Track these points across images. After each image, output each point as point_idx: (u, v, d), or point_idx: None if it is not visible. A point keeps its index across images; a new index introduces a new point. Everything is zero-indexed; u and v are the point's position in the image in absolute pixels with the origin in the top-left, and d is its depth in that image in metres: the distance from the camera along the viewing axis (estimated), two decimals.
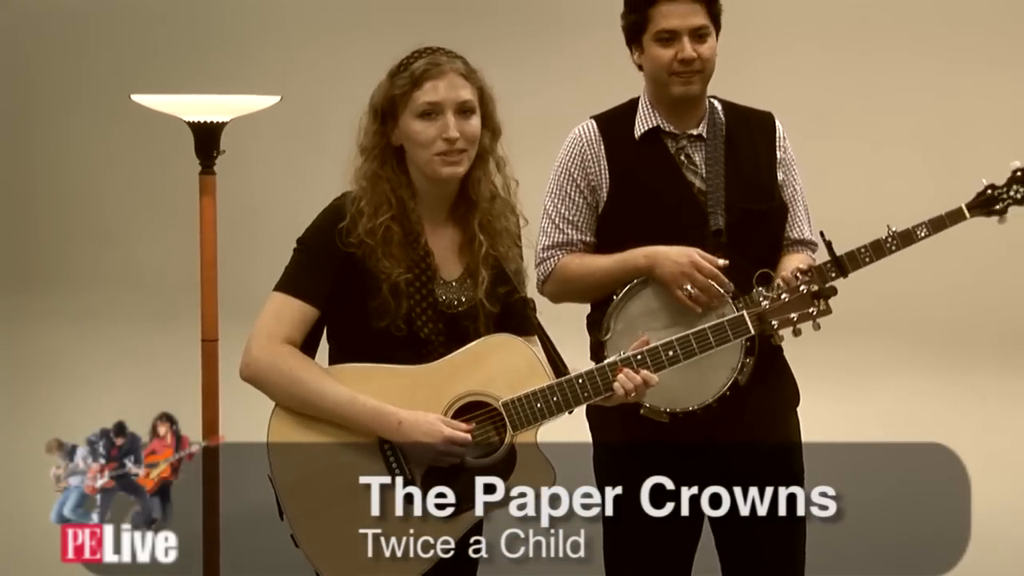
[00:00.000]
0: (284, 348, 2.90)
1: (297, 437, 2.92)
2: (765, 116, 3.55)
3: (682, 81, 3.36)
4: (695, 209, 3.37)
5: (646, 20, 3.34)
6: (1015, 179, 3.39)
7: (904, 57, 5.54)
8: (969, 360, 5.48)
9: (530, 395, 2.94)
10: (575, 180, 3.45)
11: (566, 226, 3.46)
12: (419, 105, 2.89)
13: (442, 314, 2.99)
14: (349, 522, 2.89)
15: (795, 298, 3.07)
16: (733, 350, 3.23)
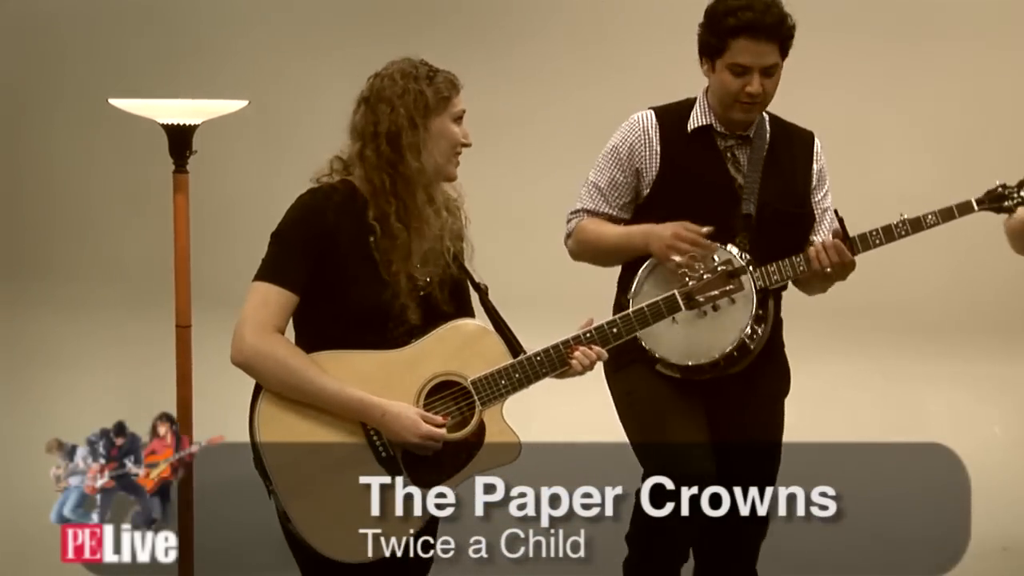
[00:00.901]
0: (275, 336, 2.90)
1: (286, 419, 2.91)
2: (806, 133, 3.62)
3: (744, 109, 3.41)
4: (732, 197, 3.44)
5: (724, 48, 3.35)
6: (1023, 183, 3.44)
7: (922, 65, 5.59)
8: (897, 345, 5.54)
9: (494, 373, 2.98)
10: (621, 160, 3.51)
11: (599, 196, 3.54)
12: (458, 111, 2.98)
13: (416, 296, 2.99)
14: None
15: (715, 278, 3.12)
16: (743, 313, 3.35)
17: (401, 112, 2.91)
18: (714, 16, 3.35)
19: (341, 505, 2.88)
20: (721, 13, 3.32)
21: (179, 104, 4.15)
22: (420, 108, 2.91)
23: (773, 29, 3.30)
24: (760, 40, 3.29)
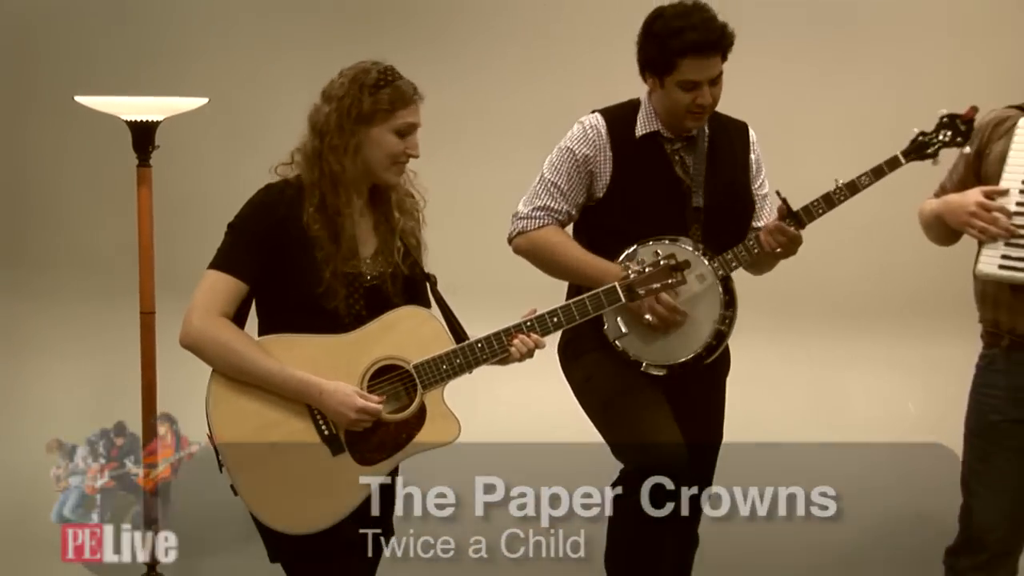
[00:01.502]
0: (220, 321, 2.90)
1: (234, 399, 2.91)
2: (741, 125, 3.61)
3: (695, 119, 3.40)
4: (681, 195, 3.42)
5: (672, 67, 3.31)
6: (942, 125, 3.44)
7: (847, 61, 5.65)
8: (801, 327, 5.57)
9: (436, 358, 2.97)
10: (577, 161, 3.46)
11: (556, 193, 3.48)
12: (400, 124, 2.93)
13: (363, 287, 2.99)
14: (282, 472, 2.90)
15: (657, 271, 3.11)
16: (713, 305, 3.36)
17: (334, 115, 2.91)
18: (658, 37, 3.31)
19: (285, 480, 2.89)
20: (665, 35, 3.28)
21: (142, 101, 4.13)
22: (352, 115, 2.90)
23: (717, 44, 3.28)
24: (707, 56, 3.28)
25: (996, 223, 3.33)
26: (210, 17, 5.82)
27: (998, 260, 3.37)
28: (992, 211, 3.35)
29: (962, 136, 3.41)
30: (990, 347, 3.54)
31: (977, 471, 3.58)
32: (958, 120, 3.41)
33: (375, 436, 2.92)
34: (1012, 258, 3.34)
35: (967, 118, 3.41)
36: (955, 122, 3.42)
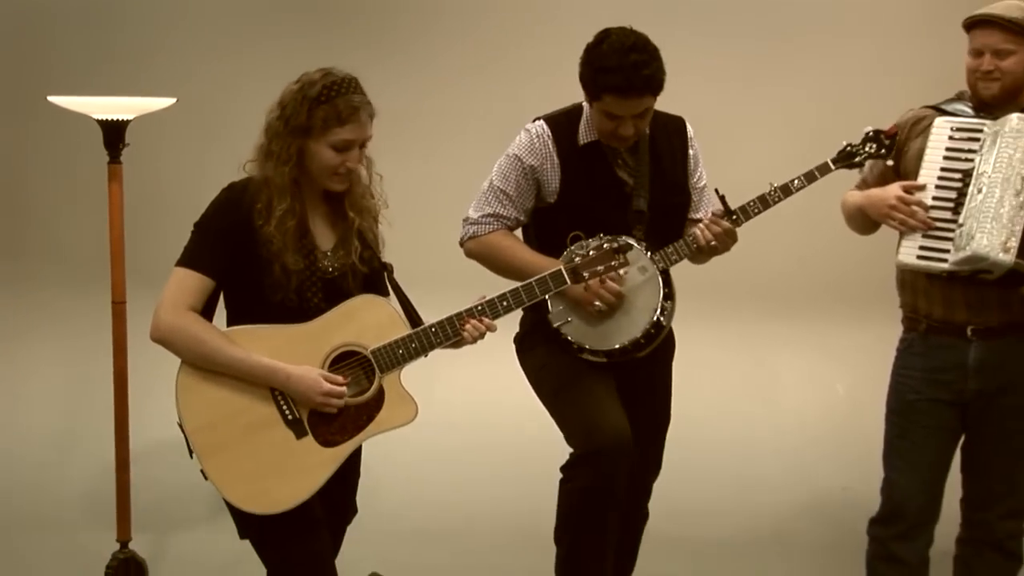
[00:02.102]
0: (188, 315, 2.89)
1: (201, 388, 2.90)
2: (679, 121, 3.60)
3: (618, 143, 3.40)
4: (624, 197, 3.42)
5: (598, 98, 3.29)
6: (867, 139, 3.52)
7: (779, 61, 5.67)
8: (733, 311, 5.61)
9: (393, 343, 2.97)
10: (525, 169, 3.44)
11: (505, 200, 3.47)
12: (336, 140, 2.91)
13: (321, 280, 2.99)
14: (248, 456, 2.89)
15: (600, 254, 3.12)
16: (653, 296, 3.36)
17: (278, 122, 2.92)
18: (590, 67, 3.28)
19: (252, 463, 2.88)
20: (595, 69, 3.25)
21: (112, 101, 4.11)
22: (291, 125, 2.90)
23: (642, 89, 3.23)
24: (630, 98, 3.24)
25: (915, 216, 3.39)
26: (178, 21, 5.78)
27: (916, 251, 3.42)
28: (911, 204, 3.40)
29: (886, 149, 3.49)
30: (909, 331, 3.60)
31: (897, 447, 3.63)
32: (882, 135, 3.48)
33: (337, 419, 2.92)
34: (929, 249, 3.40)
35: (890, 134, 3.47)
36: (879, 137, 3.49)
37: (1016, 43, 3.37)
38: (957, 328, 3.46)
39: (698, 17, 5.52)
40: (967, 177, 3.36)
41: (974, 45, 3.42)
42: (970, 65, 3.45)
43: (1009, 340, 3.47)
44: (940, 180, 3.41)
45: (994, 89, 3.41)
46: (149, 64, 5.61)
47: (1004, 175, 3.28)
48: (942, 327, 3.49)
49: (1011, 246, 3.25)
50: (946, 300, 3.46)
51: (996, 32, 3.38)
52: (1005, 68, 3.38)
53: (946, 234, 3.37)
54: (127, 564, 4.23)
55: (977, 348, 3.46)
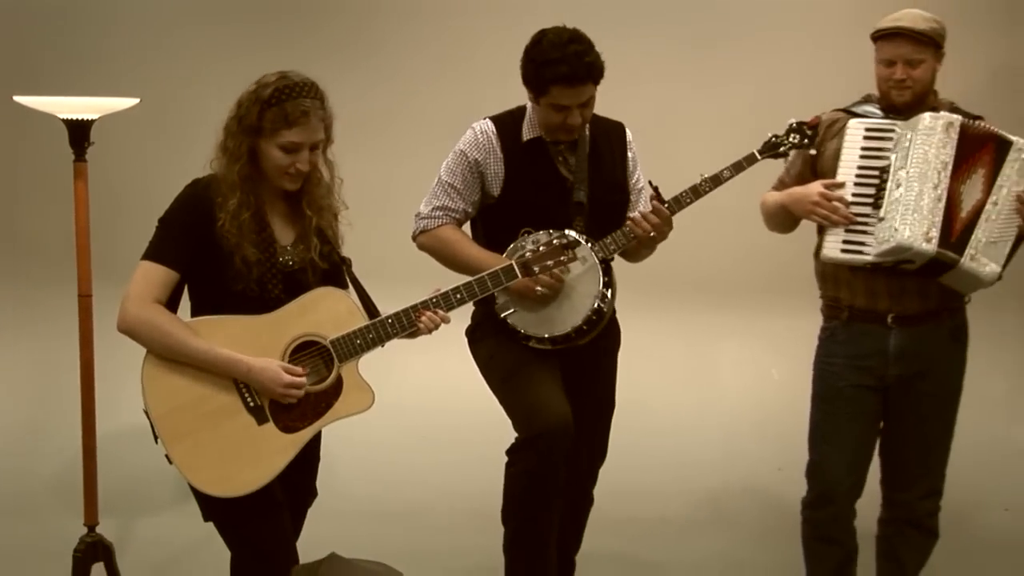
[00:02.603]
0: (154, 307, 2.88)
1: (166, 377, 2.90)
2: (619, 125, 3.64)
3: (567, 134, 3.43)
4: (565, 192, 3.45)
5: (545, 91, 3.33)
6: (791, 130, 3.55)
7: (718, 62, 5.70)
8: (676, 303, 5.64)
9: (351, 334, 2.97)
10: (470, 163, 3.47)
11: (454, 194, 3.50)
12: (284, 142, 2.90)
13: (282, 272, 2.98)
14: (212, 442, 2.89)
15: (550, 250, 3.14)
16: (593, 285, 3.38)
17: (232, 122, 2.92)
18: (534, 63, 3.32)
19: (215, 448, 2.88)
20: (539, 64, 3.30)
21: (78, 101, 4.06)
22: (243, 124, 2.90)
23: (585, 77, 3.29)
24: (575, 87, 3.29)
25: (837, 211, 3.45)
26: (142, 22, 5.74)
27: (840, 245, 3.48)
28: (832, 201, 3.46)
29: (809, 139, 3.53)
30: (830, 319, 3.65)
31: (823, 432, 3.69)
32: (805, 126, 3.53)
33: (297, 406, 2.92)
34: (852, 243, 3.46)
35: (812, 124, 3.53)
36: (802, 128, 3.53)
37: (925, 53, 3.47)
38: (879, 316, 3.52)
39: (640, 21, 5.55)
40: (884, 174, 3.43)
41: (886, 56, 3.50)
42: (882, 74, 3.52)
43: (926, 327, 3.54)
44: (858, 178, 3.47)
45: (907, 96, 3.50)
46: (113, 65, 5.57)
47: (921, 170, 3.35)
48: (864, 315, 3.54)
49: (932, 236, 3.32)
50: (868, 290, 3.52)
51: (907, 43, 3.47)
52: (916, 76, 3.48)
53: (867, 228, 3.44)
54: (94, 547, 4.20)
55: (897, 335, 3.52)
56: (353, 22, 5.75)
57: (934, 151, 3.35)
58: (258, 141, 2.90)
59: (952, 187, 3.36)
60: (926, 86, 3.53)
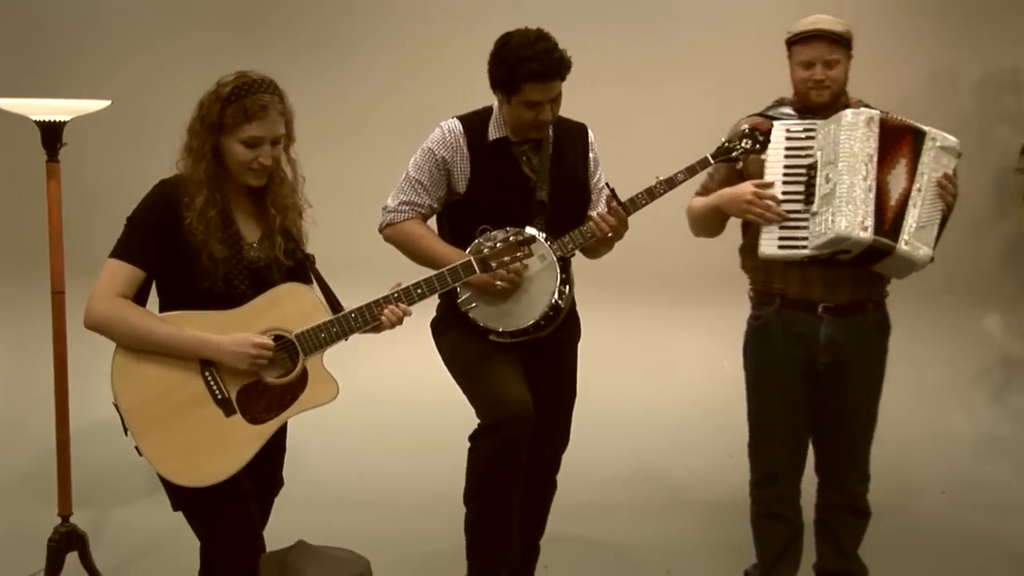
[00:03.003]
0: (120, 301, 2.86)
1: (135, 370, 2.87)
2: (581, 127, 3.64)
3: (538, 131, 3.43)
4: (528, 190, 3.45)
5: (517, 89, 3.33)
6: (743, 135, 3.53)
7: (671, 67, 5.74)
8: None
9: (316, 328, 2.96)
10: (437, 160, 3.47)
11: (420, 189, 3.49)
12: (246, 137, 2.88)
13: (248, 269, 2.97)
14: (180, 433, 2.87)
15: (507, 246, 3.15)
16: (551, 281, 3.38)
17: (196, 121, 2.90)
18: (505, 63, 3.33)
19: (183, 440, 2.86)
20: (512, 62, 3.30)
21: (50, 103, 4.04)
22: (206, 123, 2.88)
23: (556, 72, 3.31)
24: (547, 82, 3.31)
25: (770, 209, 3.47)
26: (113, 26, 5.70)
27: (777, 242, 3.51)
28: (765, 199, 3.49)
29: (760, 145, 3.52)
30: (761, 307, 3.67)
31: (761, 420, 3.72)
32: (756, 132, 3.52)
33: (263, 398, 2.91)
34: (788, 239, 3.50)
35: (763, 131, 3.52)
36: (754, 134, 3.53)
37: (840, 53, 3.53)
38: (811, 305, 3.56)
39: (596, 25, 5.57)
40: (811, 170, 3.47)
41: (804, 58, 3.54)
42: (801, 76, 3.57)
43: (855, 318, 3.58)
44: (786, 176, 3.51)
45: (825, 96, 3.55)
46: (85, 68, 5.53)
47: (849, 163, 3.40)
48: (797, 304, 3.57)
49: (867, 225, 3.37)
50: (803, 279, 3.56)
51: (823, 45, 3.53)
52: (833, 76, 3.54)
53: (800, 223, 3.48)
54: (68, 537, 4.17)
55: (827, 325, 3.56)
56: (321, 27, 5.75)
57: (859, 145, 3.40)
58: (220, 138, 2.89)
59: (880, 177, 3.41)
60: (842, 85, 3.59)
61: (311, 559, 2.96)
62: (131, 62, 5.60)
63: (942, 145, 3.52)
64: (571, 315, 3.58)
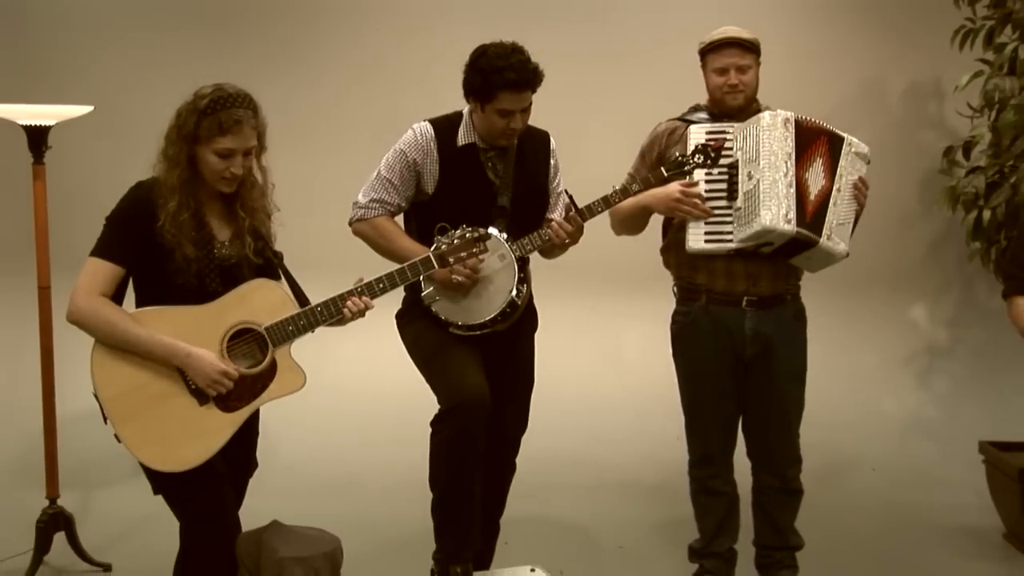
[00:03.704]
0: (99, 299, 2.85)
1: (113, 363, 2.86)
2: (544, 134, 3.62)
3: (507, 139, 3.42)
4: (491, 194, 3.44)
5: (492, 97, 3.32)
6: (696, 151, 3.52)
7: (623, 79, 5.71)
8: None
9: (284, 321, 2.95)
10: (408, 161, 3.45)
11: (390, 188, 3.47)
12: (219, 148, 2.87)
13: (219, 267, 2.96)
14: (157, 421, 2.86)
15: (464, 242, 3.15)
16: (509, 279, 3.37)
17: (173, 130, 2.89)
18: (482, 72, 3.31)
19: (160, 427, 2.85)
20: (488, 71, 3.29)
21: (36, 109, 4.04)
22: (182, 132, 2.87)
23: (530, 83, 3.31)
24: (521, 91, 3.31)
25: (697, 207, 3.50)
26: (94, 37, 5.63)
27: (703, 236, 3.54)
28: (692, 197, 3.51)
29: (711, 160, 3.52)
30: (687, 303, 3.69)
31: (694, 407, 3.76)
32: (708, 148, 3.52)
33: (235, 388, 2.90)
34: (714, 233, 3.54)
35: (716, 147, 3.53)
36: (707, 149, 3.52)
37: (751, 59, 3.59)
38: (735, 299, 3.58)
39: (554, 39, 5.54)
40: (732, 169, 3.50)
41: (718, 65, 3.59)
42: (716, 82, 3.61)
43: (776, 310, 3.62)
44: (708, 175, 3.53)
45: (740, 100, 3.60)
46: (69, 75, 5.47)
47: (770, 161, 3.43)
48: (722, 298, 3.59)
49: (791, 217, 3.42)
50: (728, 273, 3.59)
51: (736, 51, 3.58)
52: (746, 81, 3.59)
53: (725, 219, 3.51)
54: (56, 518, 4.17)
55: (751, 317, 3.60)
56: (288, 31, 5.71)
57: (778, 144, 3.44)
58: (196, 148, 2.88)
59: (799, 174, 3.46)
60: (755, 90, 3.64)
61: (284, 537, 2.95)
62: (110, 70, 5.55)
63: (857, 151, 3.58)
64: (529, 309, 3.59)
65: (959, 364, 5.92)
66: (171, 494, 2.94)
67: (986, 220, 4.75)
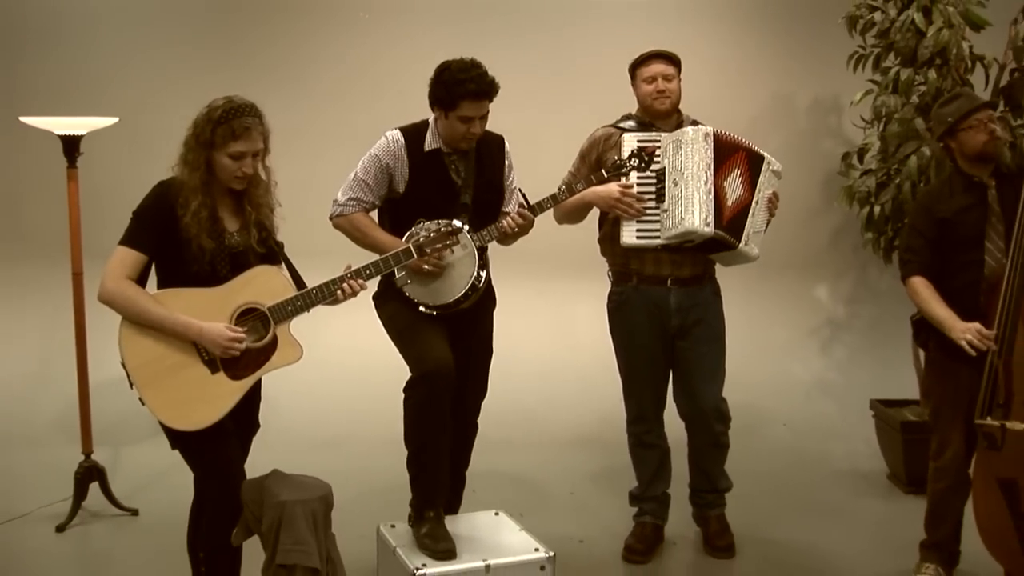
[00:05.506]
0: (126, 282, 2.85)
1: (138, 337, 2.86)
2: (499, 138, 3.59)
3: (468, 143, 3.40)
4: (454, 193, 3.42)
5: (455, 106, 3.30)
6: (632, 155, 3.52)
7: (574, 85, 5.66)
8: None
9: (284, 301, 2.95)
10: (381, 165, 3.42)
11: (366, 188, 3.45)
12: (232, 152, 2.87)
13: (229, 254, 2.96)
14: (175, 387, 2.86)
15: (439, 235, 3.15)
16: (471, 265, 3.36)
17: (191, 138, 2.89)
18: (446, 84, 3.30)
19: (177, 392, 2.85)
20: (451, 83, 3.27)
21: (69, 120, 4.04)
22: (200, 139, 2.88)
23: (488, 93, 3.30)
24: (480, 100, 3.30)
25: (632, 206, 3.52)
26: (119, 58, 5.58)
27: (636, 233, 3.57)
28: (629, 197, 3.53)
29: (645, 163, 3.53)
30: (621, 284, 3.73)
31: (630, 374, 3.80)
32: (643, 152, 3.53)
33: (242, 359, 2.90)
34: (644, 231, 3.56)
35: (650, 152, 3.53)
36: (641, 154, 3.53)
37: (675, 71, 3.65)
38: (662, 280, 3.62)
39: (508, 54, 5.53)
40: (661, 175, 3.51)
41: (648, 75, 3.64)
42: (646, 90, 3.64)
43: (696, 287, 3.67)
44: (640, 179, 3.54)
45: (667, 104, 3.64)
46: (97, 91, 5.41)
47: (692, 172, 3.46)
48: (651, 279, 3.63)
49: (710, 221, 3.45)
50: (656, 260, 3.63)
51: (662, 63, 3.64)
52: (672, 88, 3.64)
53: (654, 219, 3.53)
54: (90, 470, 4.18)
55: (675, 294, 3.64)
56: (280, 53, 5.67)
57: (699, 156, 3.46)
58: (212, 152, 2.88)
59: (717, 183, 3.48)
60: (679, 97, 3.67)
61: (283, 483, 2.96)
62: (133, 87, 5.51)
63: (773, 169, 3.63)
64: (488, 290, 3.59)
65: (855, 335, 6.00)
66: (187, 449, 2.94)
67: (876, 214, 4.81)
